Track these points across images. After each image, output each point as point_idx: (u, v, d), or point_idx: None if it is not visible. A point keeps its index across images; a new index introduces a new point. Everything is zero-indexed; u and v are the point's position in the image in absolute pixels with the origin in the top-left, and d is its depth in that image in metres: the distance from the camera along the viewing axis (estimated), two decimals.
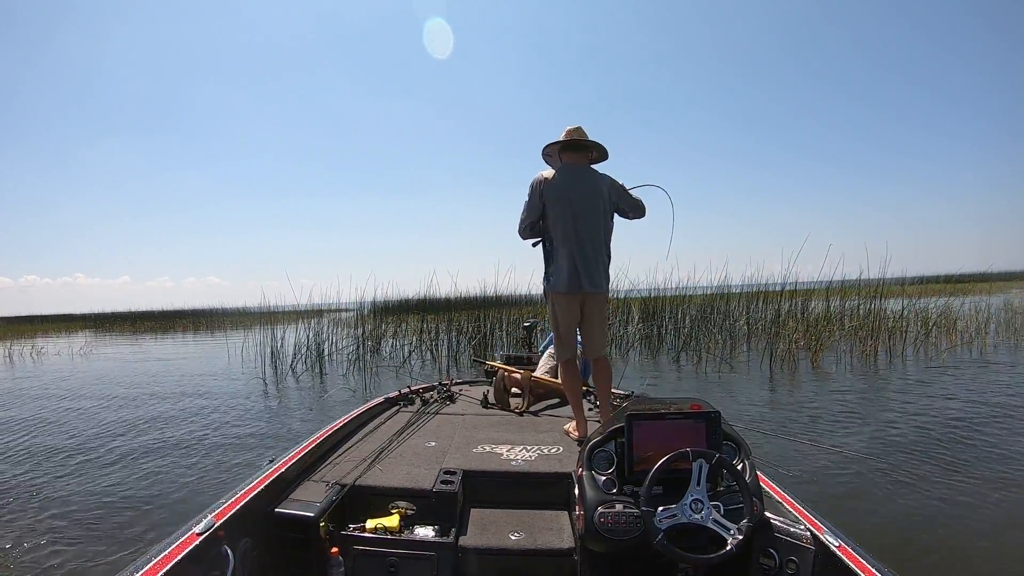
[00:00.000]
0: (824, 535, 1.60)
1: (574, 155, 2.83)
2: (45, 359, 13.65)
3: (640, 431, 1.68)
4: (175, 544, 1.49)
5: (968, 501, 3.25)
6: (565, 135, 2.83)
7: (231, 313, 27.97)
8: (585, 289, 2.74)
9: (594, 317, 2.84)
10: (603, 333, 2.92)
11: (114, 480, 4.04)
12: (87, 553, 2.92)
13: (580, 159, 2.85)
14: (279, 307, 12.32)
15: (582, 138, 2.82)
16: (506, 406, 3.36)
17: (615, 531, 1.54)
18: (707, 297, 12.28)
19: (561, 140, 2.83)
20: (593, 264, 2.74)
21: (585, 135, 2.84)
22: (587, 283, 2.73)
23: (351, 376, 8.72)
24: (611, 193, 2.82)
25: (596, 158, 2.92)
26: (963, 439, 4.34)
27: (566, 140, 2.82)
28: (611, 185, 2.83)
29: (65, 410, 6.73)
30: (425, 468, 2.24)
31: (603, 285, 2.81)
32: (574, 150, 2.83)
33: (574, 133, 2.82)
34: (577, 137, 2.82)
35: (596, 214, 2.75)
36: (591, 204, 2.74)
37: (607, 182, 2.83)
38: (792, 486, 2.07)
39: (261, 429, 5.42)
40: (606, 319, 3.02)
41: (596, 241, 2.75)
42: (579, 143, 2.82)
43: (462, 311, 11.95)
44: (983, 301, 12.64)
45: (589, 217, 2.73)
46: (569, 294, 2.76)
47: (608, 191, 2.80)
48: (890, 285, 11.06)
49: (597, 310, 2.85)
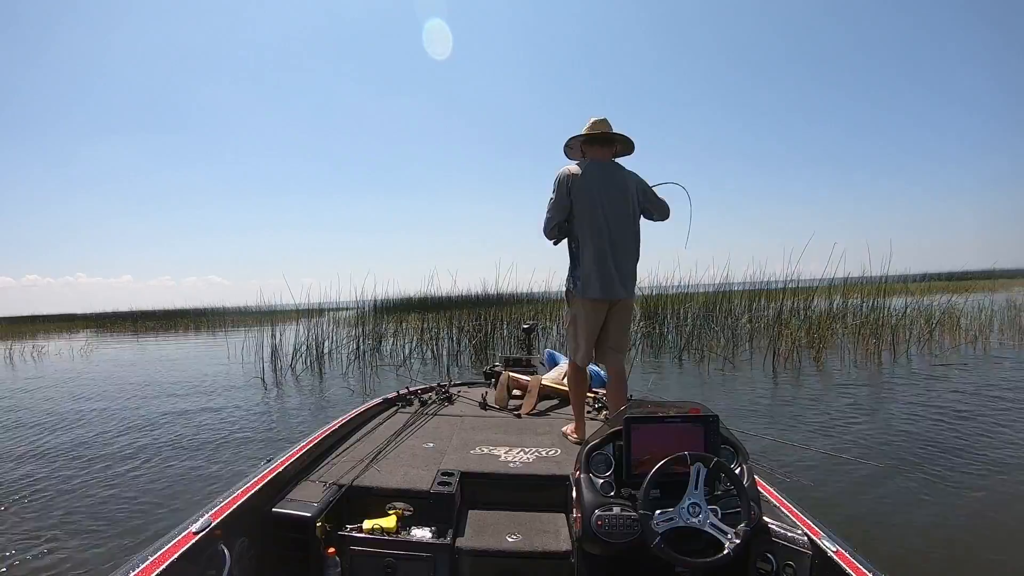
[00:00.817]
0: (821, 540, 1.60)
1: (600, 149, 2.66)
2: (45, 359, 13.67)
3: (638, 434, 1.68)
4: (172, 543, 1.49)
5: (976, 508, 3.21)
6: (590, 127, 2.65)
7: (232, 312, 27.98)
8: (616, 296, 2.61)
9: (619, 324, 2.70)
10: (626, 342, 2.80)
11: (112, 479, 4.04)
12: (84, 552, 2.92)
13: (605, 154, 2.68)
14: (279, 306, 12.31)
15: (608, 131, 2.64)
16: (504, 406, 3.34)
17: (612, 534, 1.53)
18: (709, 296, 12.22)
19: (585, 133, 2.66)
20: (624, 269, 2.61)
21: (610, 127, 2.66)
22: (619, 289, 2.60)
23: (351, 375, 8.72)
24: (639, 192, 2.67)
25: (620, 151, 2.76)
26: (970, 442, 4.28)
27: (591, 133, 2.65)
28: (639, 184, 2.68)
29: (64, 410, 6.74)
30: (423, 469, 2.23)
31: (632, 291, 2.69)
32: (600, 144, 2.66)
33: (600, 125, 2.65)
34: (603, 130, 2.64)
35: (627, 215, 2.61)
36: (621, 204, 2.59)
37: (635, 180, 2.67)
38: (790, 491, 2.06)
39: (260, 429, 5.42)
40: (630, 325, 2.89)
41: (628, 244, 2.62)
42: (605, 136, 2.65)
43: (463, 309, 11.93)
44: (987, 299, 12.58)
45: (620, 218, 2.58)
46: (598, 300, 2.61)
47: (636, 190, 2.65)
48: (892, 283, 11.02)
49: (624, 316, 2.72)
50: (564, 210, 2.60)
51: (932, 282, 13.74)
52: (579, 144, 2.72)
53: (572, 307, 2.74)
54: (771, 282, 11.61)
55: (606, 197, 2.56)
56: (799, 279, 10.76)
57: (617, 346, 2.73)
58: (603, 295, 2.60)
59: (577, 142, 2.72)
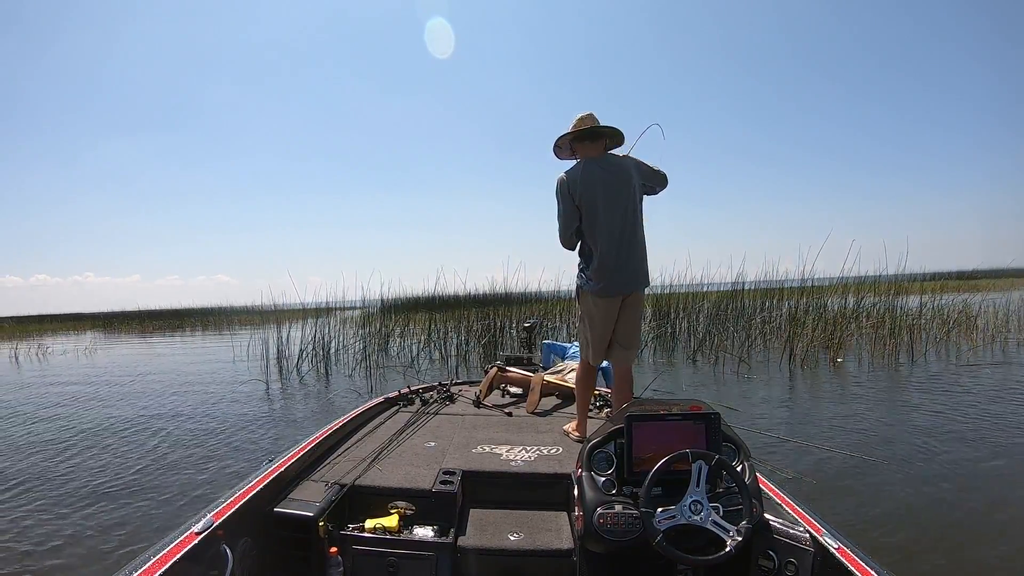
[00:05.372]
0: (823, 537, 1.59)
1: (591, 145, 2.63)
2: (51, 358, 13.82)
3: (640, 432, 1.67)
4: (174, 543, 1.49)
5: (982, 508, 3.18)
6: (576, 124, 2.62)
7: (239, 311, 28.06)
8: (627, 290, 2.58)
9: (630, 320, 2.65)
10: (638, 338, 2.76)
11: (114, 478, 4.07)
12: (85, 551, 2.94)
13: (597, 148, 2.64)
14: (286, 305, 12.32)
15: (595, 125, 2.60)
16: (481, 400, 3.40)
17: (614, 532, 1.53)
18: (722, 294, 12.07)
19: (572, 131, 2.63)
20: (634, 262, 2.57)
21: (597, 121, 2.61)
22: (630, 283, 2.57)
23: (357, 375, 8.72)
24: (638, 175, 2.61)
25: (611, 144, 2.71)
26: (985, 444, 4.20)
27: (578, 130, 2.61)
28: (636, 167, 2.62)
29: (67, 407, 6.82)
30: (424, 468, 2.23)
31: (645, 283, 2.66)
32: (590, 139, 2.63)
33: (587, 121, 2.61)
34: (590, 124, 2.60)
35: (631, 206, 2.56)
36: (624, 196, 2.55)
37: (632, 164, 2.61)
38: (792, 487, 2.05)
39: (264, 429, 5.44)
40: (642, 321, 2.85)
41: (635, 235, 2.58)
42: (593, 131, 2.61)
43: (471, 308, 11.89)
44: (1001, 298, 12.41)
45: (624, 210, 2.54)
46: (610, 296, 2.58)
47: (636, 175, 2.60)
48: (904, 282, 10.89)
49: (635, 312, 2.67)
50: (574, 216, 2.58)
51: (944, 281, 13.58)
52: (568, 143, 2.69)
53: (583, 304, 2.71)
54: (785, 281, 11.46)
55: (609, 193, 2.54)
56: (813, 278, 10.59)
57: (627, 343, 2.68)
58: (614, 290, 2.57)
59: (566, 141, 2.69)
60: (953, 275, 15.38)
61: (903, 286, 10.61)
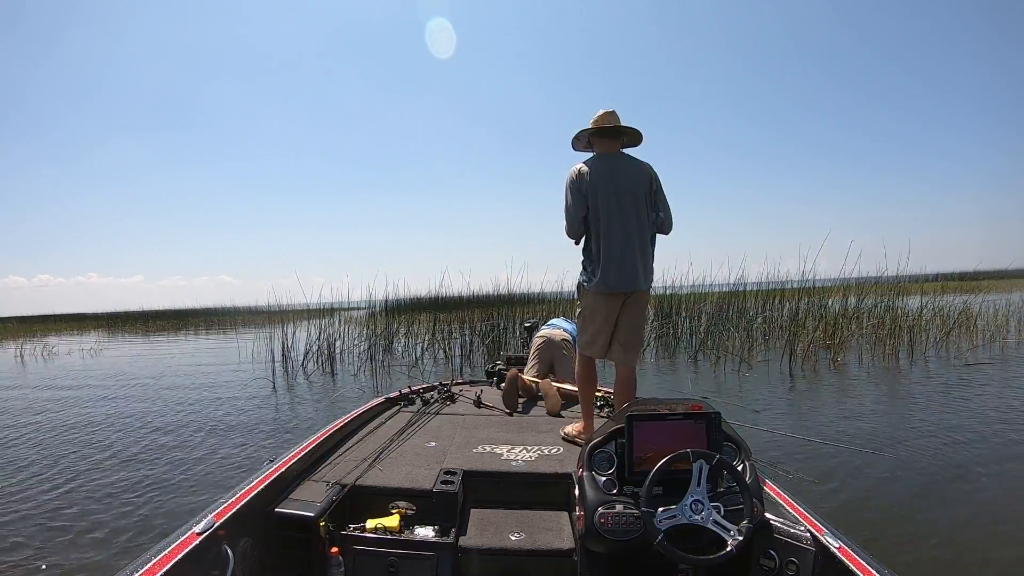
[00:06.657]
0: (824, 536, 1.58)
1: (609, 142, 2.64)
2: (55, 358, 13.85)
3: (640, 432, 1.67)
4: (175, 544, 1.49)
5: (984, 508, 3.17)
6: (599, 120, 2.62)
7: (242, 312, 28.08)
8: (631, 288, 2.56)
9: (632, 319, 2.63)
10: (640, 338, 2.74)
11: (115, 478, 4.07)
12: (86, 552, 2.94)
13: (614, 146, 2.66)
14: (290, 305, 12.35)
15: (616, 123, 2.61)
16: (514, 409, 3.30)
17: (615, 532, 1.54)
18: (723, 295, 12.05)
19: (594, 126, 2.64)
20: (637, 260, 2.54)
21: (618, 119, 2.62)
22: (633, 281, 2.54)
23: (362, 375, 8.73)
24: (653, 183, 2.61)
25: (628, 143, 2.73)
26: (987, 444, 4.20)
27: (598, 127, 2.62)
28: (652, 176, 2.62)
29: (69, 408, 6.83)
30: (425, 468, 2.23)
31: (647, 283, 2.64)
32: (610, 136, 2.64)
33: (609, 118, 2.61)
34: (612, 123, 2.61)
35: (640, 205, 2.56)
36: (634, 195, 2.54)
37: (647, 170, 2.61)
38: (792, 487, 2.04)
39: (268, 429, 5.45)
40: (645, 321, 2.81)
41: (642, 234, 2.57)
42: (613, 129, 2.62)
43: (475, 308, 11.88)
44: (1003, 299, 12.38)
45: (633, 209, 2.54)
46: (611, 293, 2.56)
47: (651, 181, 2.60)
48: (905, 282, 10.86)
49: (638, 311, 2.65)
50: (582, 208, 2.56)
51: (945, 282, 13.54)
52: (587, 137, 2.70)
53: (584, 301, 2.69)
54: (786, 281, 11.46)
55: (619, 189, 2.53)
56: (815, 278, 10.59)
57: (628, 343, 2.64)
58: (616, 287, 2.54)
59: (586, 135, 2.70)
60: (955, 276, 15.32)
61: (904, 287, 10.59)
